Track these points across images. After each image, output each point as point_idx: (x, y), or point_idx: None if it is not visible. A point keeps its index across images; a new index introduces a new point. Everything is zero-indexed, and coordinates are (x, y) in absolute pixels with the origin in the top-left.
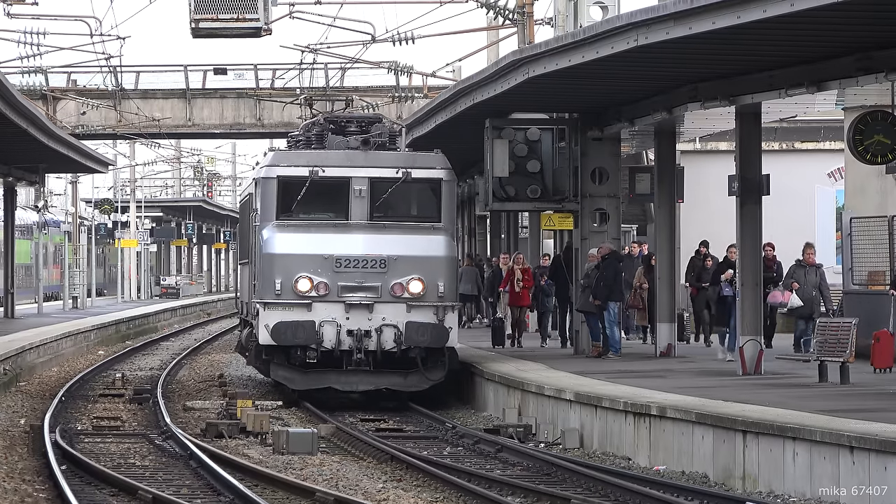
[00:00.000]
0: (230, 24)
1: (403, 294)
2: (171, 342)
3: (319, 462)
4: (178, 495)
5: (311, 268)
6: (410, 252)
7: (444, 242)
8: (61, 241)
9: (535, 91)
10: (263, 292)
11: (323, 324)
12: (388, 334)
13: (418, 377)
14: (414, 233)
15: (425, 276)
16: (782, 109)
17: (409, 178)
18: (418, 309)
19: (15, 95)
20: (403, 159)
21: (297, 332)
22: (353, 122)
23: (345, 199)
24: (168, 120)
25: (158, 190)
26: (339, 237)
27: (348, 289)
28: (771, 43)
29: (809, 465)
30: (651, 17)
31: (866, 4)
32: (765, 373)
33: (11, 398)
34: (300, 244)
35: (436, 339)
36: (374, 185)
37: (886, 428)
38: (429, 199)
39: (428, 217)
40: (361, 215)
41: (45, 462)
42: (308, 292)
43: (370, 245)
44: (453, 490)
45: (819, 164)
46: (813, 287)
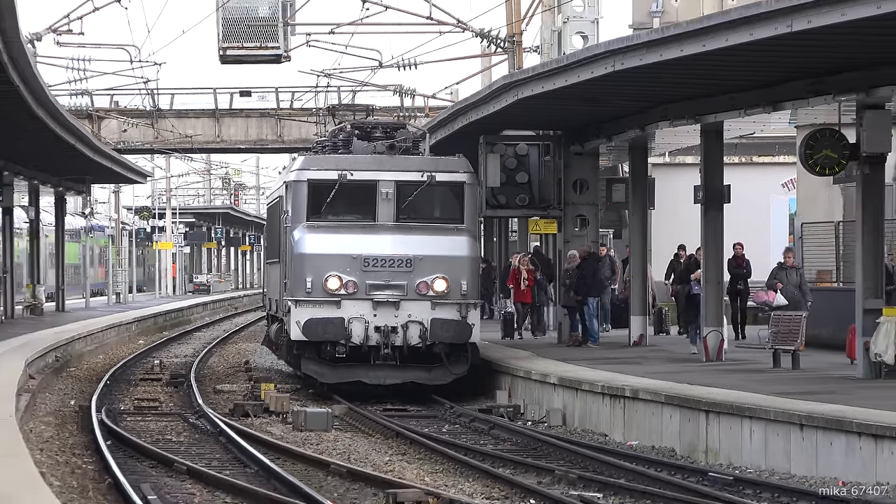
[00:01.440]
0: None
1: (428, 292)
2: (203, 333)
3: (333, 438)
4: (209, 467)
5: (341, 267)
6: (435, 252)
7: (467, 243)
8: (105, 243)
9: (523, 111)
10: (295, 290)
11: (351, 320)
12: (413, 330)
13: (442, 371)
14: (438, 234)
15: (449, 274)
16: (742, 127)
17: (433, 182)
18: (442, 306)
19: (64, 115)
20: (428, 163)
21: (328, 328)
22: (378, 127)
23: (372, 202)
24: (199, 136)
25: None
26: (366, 238)
27: (376, 287)
28: (732, 68)
29: (764, 440)
30: (626, 46)
31: (816, 35)
32: (726, 360)
33: (62, 382)
34: (330, 244)
35: (459, 336)
36: (399, 188)
37: (832, 408)
38: (452, 202)
39: (451, 218)
40: (388, 217)
41: (92, 438)
42: (337, 290)
43: (397, 245)
44: (451, 462)
45: (774, 175)
46: (794, 287)
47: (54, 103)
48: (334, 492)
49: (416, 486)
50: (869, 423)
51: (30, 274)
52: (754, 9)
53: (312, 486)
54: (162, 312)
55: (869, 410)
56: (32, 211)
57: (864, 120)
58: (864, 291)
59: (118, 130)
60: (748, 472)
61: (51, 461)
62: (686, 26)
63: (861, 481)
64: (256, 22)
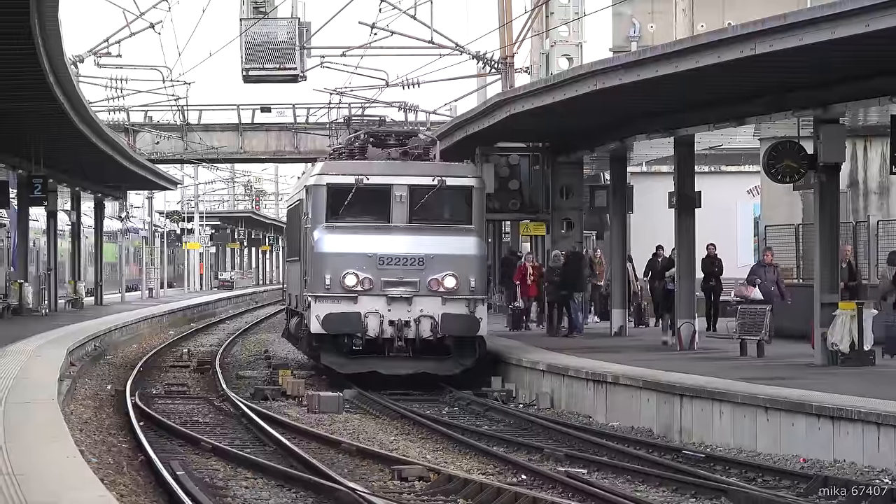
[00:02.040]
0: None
1: (439, 289)
2: (227, 324)
3: (344, 419)
4: (231, 445)
5: (358, 265)
6: (445, 251)
7: (475, 243)
8: (139, 244)
9: (515, 125)
10: (314, 287)
11: (367, 315)
12: (425, 324)
13: (452, 362)
14: (448, 234)
15: (458, 272)
16: (711, 139)
17: (443, 185)
18: (452, 302)
19: (103, 129)
20: (438, 168)
21: (345, 322)
22: (391, 135)
23: (387, 204)
24: (224, 148)
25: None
26: (382, 238)
27: (390, 284)
28: (702, 87)
29: (733, 422)
30: (607, 67)
31: (777, 58)
32: (698, 349)
33: (100, 368)
34: (348, 244)
35: (468, 329)
36: (412, 192)
37: (794, 392)
38: (461, 204)
39: (460, 220)
40: (402, 218)
41: (126, 419)
42: (354, 287)
43: (410, 245)
44: (450, 441)
45: (740, 183)
46: (771, 283)
47: (94, 119)
48: (345, 468)
49: (418, 462)
50: (827, 406)
51: (71, 271)
52: (722, 34)
53: (325, 462)
54: (190, 306)
55: (827, 395)
56: (74, 215)
57: (820, 133)
58: (821, 287)
59: (151, 143)
60: (718, 451)
61: (89, 440)
62: (661, 49)
63: (820, 458)
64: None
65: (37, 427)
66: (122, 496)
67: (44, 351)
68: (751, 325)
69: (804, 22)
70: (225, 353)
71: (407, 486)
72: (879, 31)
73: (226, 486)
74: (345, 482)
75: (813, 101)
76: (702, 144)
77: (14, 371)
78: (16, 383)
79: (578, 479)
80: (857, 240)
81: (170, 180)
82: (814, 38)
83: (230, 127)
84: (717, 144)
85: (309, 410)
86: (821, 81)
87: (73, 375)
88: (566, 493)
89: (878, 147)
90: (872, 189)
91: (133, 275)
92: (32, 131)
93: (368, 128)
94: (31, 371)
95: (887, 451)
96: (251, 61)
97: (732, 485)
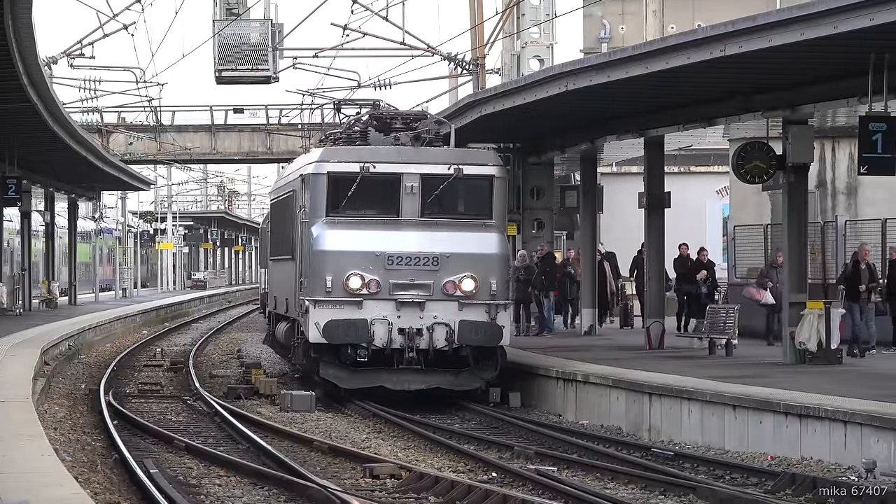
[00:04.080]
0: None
1: (455, 292)
2: (200, 324)
3: (316, 418)
4: (205, 444)
5: (362, 265)
6: (463, 250)
7: (497, 240)
8: (113, 244)
9: (486, 126)
10: (313, 290)
11: (374, 322)
12: (439, 333)
13: (470, 376)
14: (466, 230)
15: (478, 273)
16: (681, 140)
17: (460, 175)
18: (470, 307)
19: (77, 130)
20: (455, 155)
21: (349, 330)
22: (398, 118)
23: (396, 196)
24: (197, 149)
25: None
26: (390, 234)
27: (399, 286)
28: (672, 88)
29: (701, 419)
30: (577, 68)
31: (746, 59)
32: (666, 348)
33: (74, 368)
34: (351, 241)
35: (490, 338)
36: (425, 182)
37: (761, 391)
38: (480, 196)
39: (479, 214)
40: (412, 212)
41: (100, 418)
42: (359, 290)
43: (422, 242)
44: (421, 439)
45: (709, 183)
46: (782, 286)
47: (68, 119)
48: (317, 466)
49: (390, 461)
50: (794, 405)
51: (45, 271)
52: (692, 35)
53: (297, 460)
54: (163, 306)
55: (794, 393)
56: (48, 215)
57: (789, 134)
58: (789, 286)
59: (125, 143)
60: (687, 448)
61: (63, 438)
62: (631, 51)
63: (788, 456)
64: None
65: (11, 425)
66: (97, 493)
67: (18, 350)
68: (719, 324)
69: (773, 23)
70: (198, 353)
71: (378, 483)
72: (847, 33)
73: (199, 484)
74: (317, 480)
75: (782, 103)
76: (671, 145)
77: None
78: None
79: (548, 476)
80: (826, 240)
81: (143, 181)
82: (783, 39)
83: (203, 128)
84: (687, 145)
85: (281, 409)
86: (790, 83)
87: (48, 374)
88: (536, 490)
89: (846, 148)
90: (840, 189)
91: (107, 275)
92: (6, 132)
93: (373, 110)
94: (5, 370)
95: (854, 448)
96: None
97: (701, 482)
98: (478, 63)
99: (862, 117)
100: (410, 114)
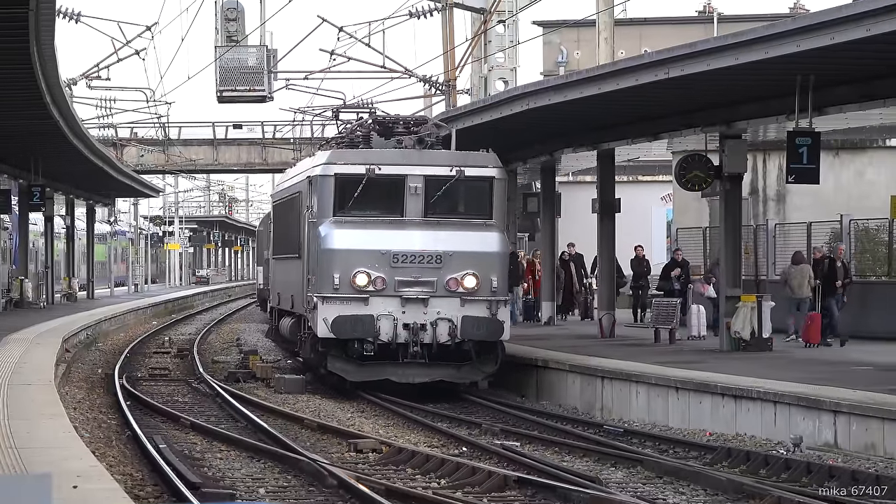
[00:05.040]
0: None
1: (458, 289)
2: (203, 315)
3: (307, 399)
4: (208, 422)
5: (369, 263)
6: (465, 248)
7: (498, 238)
8: (126, 245)
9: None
10: (321, 287)
11: (380, 317)
12: (442, 328)
13: (472, 369)
14: (468, 229)
15: (479, 271)
16: (629, 152)
17: (462, 176)
18: (472, 303)
19: (94, 144)
20: (457, 158)
21: (357, 325)
22: (399, 122)
23: (400, 196)
24: (201, 160)
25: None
26: (395, 233)
27: (404, 283)
28: (622, 106)
29: (647, 400)
30: (537, 89)
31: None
32: (616, 336)
33: (92, 354)
34: (358, 240)
35: (491, 333)
36: (428, 183)
37: (701, 374)
38: (481, 197)
39: (480, 214)
40: (416, 212)
41: (115, 399)
42: (366, 287)
43: (426, 241)
44: (400, 418)
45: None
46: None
47: (86, 135)
48: (307, 441)
49: (372, 437)
50: (730, 387)
51: (66, 269)
52: (639, 60)
53: (290, 436)
54: (171, 299)
55: (730, 377)
56: (68, 219)
57: (725, 147)
58: (725, 282)
59: (136, 156)
60: (635, 425)
61: (82, 417)
62: (585, 73)
63: (724, 432)
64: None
65: (36, 406)
66: (112, 466)
67: (42, 339)
68: (664, 315)
69: (711, 49)
70: (202, 341)
71: (362, 457)
72: (777, 58)
73: (203, 457)
74: (307, 454)
75: (719, 119)
76: (621, 157)
77: (16, 357)
78: (18, 367)
79: (512, 450)
80: (758, 241)
81: (153, 189)
82: (719, 63)
83: (206, 142)
84: (635, 157)
85: (275, 391)
86: (726, 102)
87: (68, 360)
88: (501, 463)
89: (775, 159)
90: (770, 196)
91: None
92: (32, 146)
93: (374, 115)
94: (30, 357)
95: (782, 425)
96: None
97: (647, 455)
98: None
99: (790, 132)
100: (411, 118)
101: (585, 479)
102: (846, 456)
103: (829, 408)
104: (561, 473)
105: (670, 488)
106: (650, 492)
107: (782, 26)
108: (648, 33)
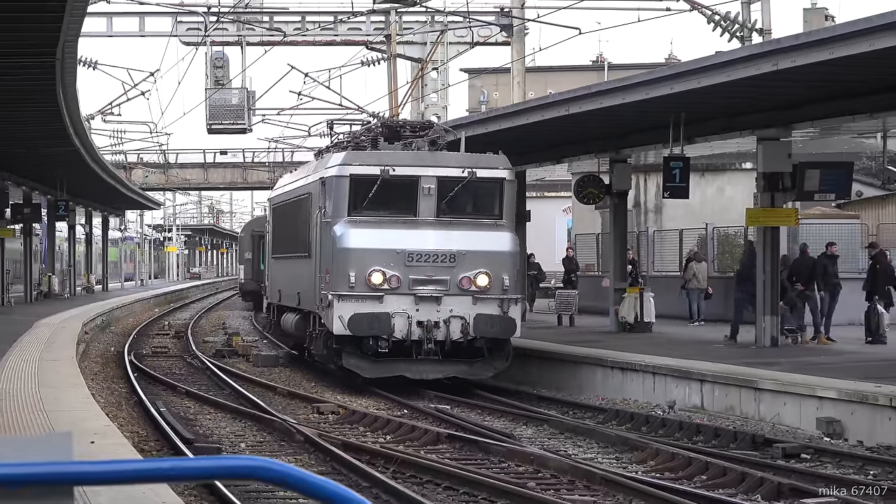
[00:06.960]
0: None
1: (471, 287)
2: (195, 304)
3: (279, 371)
4: (199, 390)
5: (384, 262)
6: (478, 247)
7: (509, 238)
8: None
9: None
10: (336, 285)
11: (395, 315)
12: (455, 325)
13: (483, 366)
14: (479, 229)
15: (491, 269)
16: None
17: (474, 178)
18: (484, 301)
19: (108, 167)
20: (468, 159)
21: (373, 323)
22: (406, 126)
23: (413, 197)
24: (194, 180)
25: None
26: (409, 233)
27: (418, 282)
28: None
29: (552, 372)
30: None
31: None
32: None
33: (106, 336)
34: (373, 239)
35: (504, 331)
36: (441, 184)
37: (595, 351)
38: (492, 197)
39: (491, 214)
40: (429, 212)
41: (125, 371)
42: (381, 285)
43: (440, 240)
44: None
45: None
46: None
47: (102, 159)
48: (279, 405)
49: (332, 402)
50: (619, 361)
51: (85, 267)
52: (546, 100)
53: (265, 401)
54: (170, 291)
55: (618, 353)
56: (87, 227)
57: (614, 169)
58: (613, 277)
59: (142, 176)
60: (543, 392)
61: (98, 387)
62: (501, 110)
63: (614, 397)
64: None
65: (60, 378)
66: (122, 426)
67: (66, 323)
68: (565, 303)
69: (603, 91)
70: (195, 325)
71: (323, 417)
72: (655, 98)
73: (195, 418)
74: (279, 415)
75: (609, 147)
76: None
77: (45, 337)
78: (47, 346)
79: (444, 412)
80: (640, 244)
81: (155, 202)
82: (610, 102)
83: (198, 165)
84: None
85: (254, 365)
86: (615, 133)
87: (87, 340)
88: (435, 422)
89: (654, 179)
90: (650, 208)
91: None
92: (58, 169)
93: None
94: (57, 337)
95: (660, 392)
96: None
97: (552, 416)
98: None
99: (665, 158)
100: (418, 123)
101: (503, 435)
102: (710, 416)
103: (697, 377)
104: (483, 430)
105: (570, 442)
106: (554, 445)
107: (659, 73)
108: (553, 79)
